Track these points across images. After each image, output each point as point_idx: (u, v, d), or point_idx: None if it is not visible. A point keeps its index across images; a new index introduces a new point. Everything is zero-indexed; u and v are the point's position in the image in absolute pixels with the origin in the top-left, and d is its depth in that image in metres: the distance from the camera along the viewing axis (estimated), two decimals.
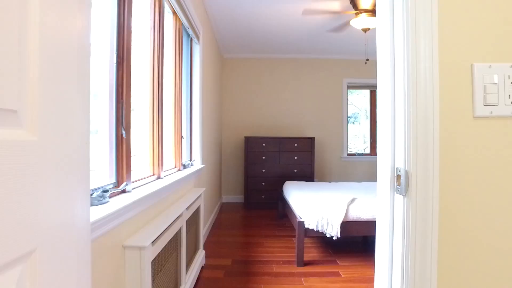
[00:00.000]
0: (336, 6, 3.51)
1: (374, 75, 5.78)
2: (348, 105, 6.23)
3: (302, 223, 2.99)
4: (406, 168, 0.75)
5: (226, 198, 5.90)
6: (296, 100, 6.02)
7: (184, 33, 2.88)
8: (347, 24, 4.11)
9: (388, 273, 0.81)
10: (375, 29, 4.33)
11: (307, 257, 3.12)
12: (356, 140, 6.44)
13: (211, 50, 4.23)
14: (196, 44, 3.22)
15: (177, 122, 2.62)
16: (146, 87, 2.01)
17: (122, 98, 1.42)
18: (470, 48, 0.77)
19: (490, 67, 0.77)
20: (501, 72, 0.77)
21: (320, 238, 3.62)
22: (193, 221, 2.52)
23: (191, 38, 3.10)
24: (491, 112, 0.77)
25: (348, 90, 6.20)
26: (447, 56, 0.77)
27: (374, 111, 6.29)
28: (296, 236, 2.99)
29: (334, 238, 2.96)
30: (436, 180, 0.74)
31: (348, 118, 6.27)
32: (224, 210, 5.23)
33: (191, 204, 2.32)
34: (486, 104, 0.77)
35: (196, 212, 2.64)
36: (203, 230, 3.23)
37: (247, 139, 5.39)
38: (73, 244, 0.63)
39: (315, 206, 3.06)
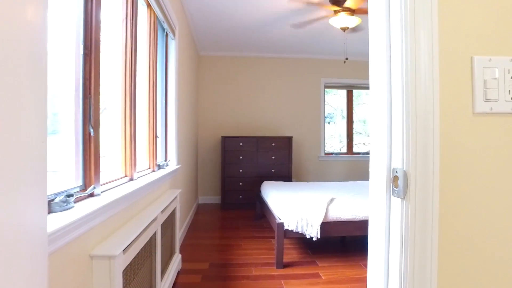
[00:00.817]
0: (322, 12, 3.48)
1: (351, 75, 5.85)
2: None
3: (281, 224, 2.93)
4: (405, 169, 0.69)
5: (202, 199, 5.77)
6: (273, 99, 5.98)
7: (159, 27, 2.75)
8: (326, 23, 4.09)
9: (383, 282, 0.75)
10: (353, 28, 4.35)
11: (286, 258, 3.06)
12: (332, 140, 6.47)
13: (188, 46, 4.10)
14: (172, 39, 3.09)
15: (151, 120, 2.49)
16: (117, 82, 1.88)
17: (90, 93, 1.30)
18: (470, 40, 0.73)
19: (490, 60, 0.73)
20: (501, 66, 0.73)
21: (299, 239, 3.58)
22: (168, 224, 2.40)
23: (166, 33, 2.97)
24: (491, 109, 0.73)
25: (325, 90, 6.22)
26: (447, 49, 0.72)
27: (351, 111, 6.35)
28: (276, 238, 2.93)
29: (314, 239, 2.92)
30: (436, 182, 0.69)
31: (324, 118, 6.29)
32: (200, 211, 5.10)
33: (166, 206, 2.20)
34: (486, 100, 0.73)
35: (172, 215, 2.52)
36: (179, 233, 3.11)
37: (224, 139, 5.29)
38: (23, 260, 0.53)
39: (295, 207, 3.01)
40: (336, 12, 3.31)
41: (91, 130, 1.30)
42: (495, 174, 0.72)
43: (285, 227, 2.93)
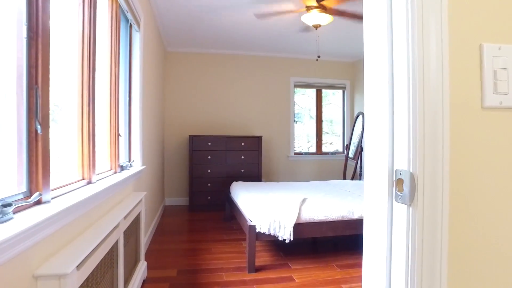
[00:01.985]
0: (290, 5, 3.40)
1: (321, 74, 5.85)
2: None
3: (253, 227, 2.82)
4: (411, 171, 0.60)
5: (169, 201, 5.53)
6: (243, 98, 5.86)
7: (122, 17, 2.54)
8: (297, 21, 4.03)
9: None
10: (325, 26, 4.32)
11: (258, 261, 2.96)
12: (300, 139, 6.46)
13: (153, 40, 3.88)
14: (137, 31, 2.88)
15: (113, 117, 2.28)
16: (73, 73, 1.68)
17: (36, 84, 1.11)
18: (480, 26, 0.65)
19: (500, 48, 0.65)
20: (510, 55, 0.66)
21: (271, 241, 3.48)
22: (132, 230, 2.21)
23: (130, 24, 2.76)
24: (500, 102, 0.65)
25: (295, 89, 6.19)
26: (456, 35, 0.63)
27: (320, 111, 6.37)
28: (247, 241, 2.81)
29: (286, 241, 2.83)
30: (446, 185, 0.60)
31: (294, 117, 6.27)
32: (167, 213, 4.88)
33: (130, 211, 2.02)
34: (496, 93, 0.65)
35: (136, 220, 2.33)
36: (144, 239, 2.90)
37: (192, 138, 5.10)
38: None
39: (266, 208, 2.91)
40: (308, 9, 3.25)
41: (38, 127, 1.11)
42: (507, 174, 0.64)
43: (257, 230, 2.82)
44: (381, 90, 0.67)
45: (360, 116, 5.81)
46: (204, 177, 5.16)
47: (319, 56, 3.42)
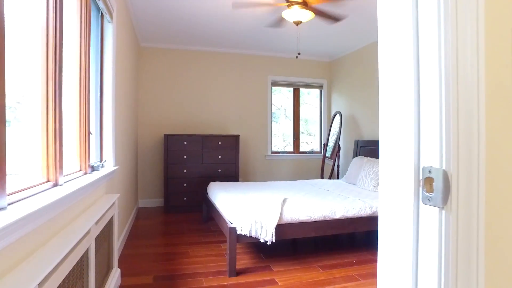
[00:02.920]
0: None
1: (298, 73, 5.81)
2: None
3: (233, 229, 2.71)
4: (445, 168, 0.51)
5: (143, 202, 5.31)
6: (220, 96, 5.72)
7: (93, 5, 2.35)
8: (277, 18, 3.95)
9: None
10: (304, 25, 4.27)
11: (238, 265, 2.85)
12: (276, 139, 6.39)
13: (127, 34, 3.67)
14: (109, 22, 2.69)
15: (83, 114, 2.10)
16: (36, 63, 1.50)
17: None
18: None
19: None
20: None
21: (251, 243, 3.38)
22: (105, 236, 2.04)
23: (102, 14, 2.57)
24: None
25: (272, 87, 6.12)
26: (493, 20, 0.55)
27: (297, 110, 6.34)
28: (227, 244, 2.70)
29: (268, 243, 2.74)
30: (482, 184, 0.52)
31: (271, 116, 6.21)
32: (141, 216, 4.66)
33: (102, 215, 1.85)
34: None
35: (109, 224, 2.16)
36: (118, 243, 2.72)
37: (167, 137, 4.91)
38: None
39: (247, 210, 2.81)
40: (290, 4, 3.17)
41: None
42: None
43: (238, 232, 2.71)
44: (403, 77, 0.58)
45: (338, 115, 5.83)
46: (180, 177, 4.98)
47: (299, 53, 3.36)
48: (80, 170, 2.06)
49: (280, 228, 2.83)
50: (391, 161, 0.61)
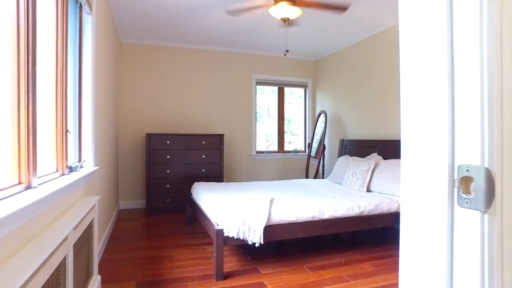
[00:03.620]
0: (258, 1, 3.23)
1: (283, 72, 5.74)
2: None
3: (220, 231, 2.61)
4: (487, 166, 0.45)
5: (124, 204, 5.12)
6: (204, 95, 5.60)
7: None
8: (262, 15, 3.88)
9: None
10: (288, 24, 4.21)
11: (225, 268, 2.76)
12: (259, 138, 6.32)
13: (107, 28, 3.51)
14: (88, 14, 2.54)
15: (60, 110, 1.96)
16: (6, 54, 1.36)
17: None
18: None
19: None
20: None
21: (237, 245, 3.29)
22: (84, 241, 1.91)
23: (80, 4, 2.42)
24: None
25: (257, 86, 6.05)
26: None
27: (282, 109, 6.29)
28: (214, 246, 2.60)
29: (256, 245, 2.66)
30: None
31: (256, 115, 6.14)
32: (122, 218, 4.49)
33: (81, 219, 1.73)
34: None
35: (89, 229, 2.03)
36: (98, 248, 2.58)
37: (149, 136, 4.75)
38: None
39: (234, 211, 2.72)
40: (276, 1, 3.10)
41: None
42: None
43: (225, 234, 2.62)
44: (433, 65, 0.51)
45: (322, 115, 5.81)
46: (163, 177, 4.84)
47: (287, 51, 3.29)
48: (57, 171, 1.92)
49: (268, 229, 2.76)
50: (417, 159, 0.55)
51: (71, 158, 2.31)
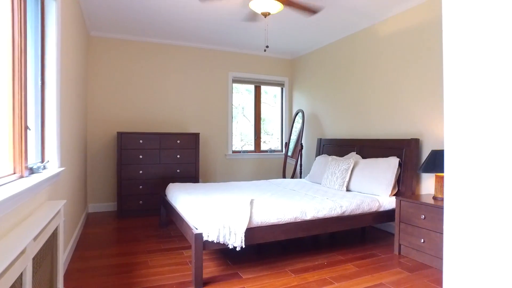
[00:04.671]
0: None
1: (260, 70, 5.62)
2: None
3: (199, 235, 2.46)
4: None
5: (93, 207, 4.83)
6: (179, 92, 5.39)
7: None
8: (240, 10, 3.75)
9: None
10: (266, 21, 4.11)
11: (204, 273, 2.61)
12: (234, 138, 6.19)
13: (75, 18, 3.24)
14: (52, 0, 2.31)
15: (17, 105, 1.74)
16: None
17: None
18: None
19: None
20: None
21: (216, 249, 3.15)
22: (46, 252, 1.70)
23: None
24: None
25: (233, 84, 5.91)
26: None
27: (258, 108, 6.18)
28: (193, 252, 2.44)
29: (237, 249, 2.53)
30: None
31: (232, 113, 6.00)
32: (91, 223, 4.21)
33: (43, 228, 1.52)
34: None
35: (53, 237, 1.82)
36: (63, 257, 2.35)
37: (121, 135, 4.50)
38: None
39: (214, 213, 2.57)
40: None
41: None
42: None
43: (204, 238, 2.46)
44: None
45: (300, 114, 5.76)
46: (135, 178, 4.60)
47: (267, 46, 3.18)
48: (14, 173, 1.70)
49: (250, 232, 2.63)
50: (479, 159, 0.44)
51: (32, 158, 2.08)
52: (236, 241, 2.52)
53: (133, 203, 4.57)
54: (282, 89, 6.36)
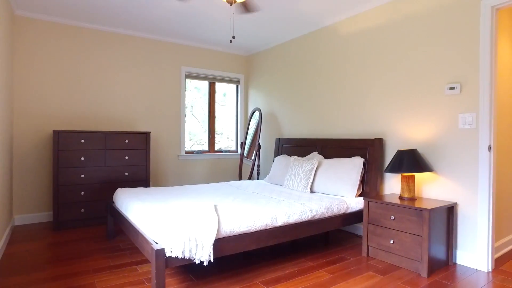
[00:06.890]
0: None
1: (214, 66, 5.26)
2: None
3: (161, 251, 2.10)
4: None
5: (21, 219, 4.13)
6: (127, 87, 4.87)
7: None
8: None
9: None
10: (220, 15, 3.81)
11: None
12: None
13: None
14: None
15: None
16: None
17: None
18: None
19: None
20: None
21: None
22: None
23: None
24: None
25: (186, 79, 5.52)
26: None
27: (213, 106, 5.85)
28: (153, 270, 2.08)
29: (205, 263, 2.22)
30: None
31: (185, 111, 5.61)
32: (18, 238, 3.57)
33: None
34: None
35: None
36: None
37: (57, 134, 3.89)
38: None
39: (177, 224, 2.23)
40: None
41: None
42: None
43: (167, 254, 2.12)
44: None
45: (256, 112, 5.56)
46: (76, 184, 4.02)
47: (233, 37, 2.90)
48: None
49: (218, 243, 2.34)
50: None
51: None
52: (204, 255, 2.20)
53: (73, 212, 3.99)
54: (237, 86, 6.11)
